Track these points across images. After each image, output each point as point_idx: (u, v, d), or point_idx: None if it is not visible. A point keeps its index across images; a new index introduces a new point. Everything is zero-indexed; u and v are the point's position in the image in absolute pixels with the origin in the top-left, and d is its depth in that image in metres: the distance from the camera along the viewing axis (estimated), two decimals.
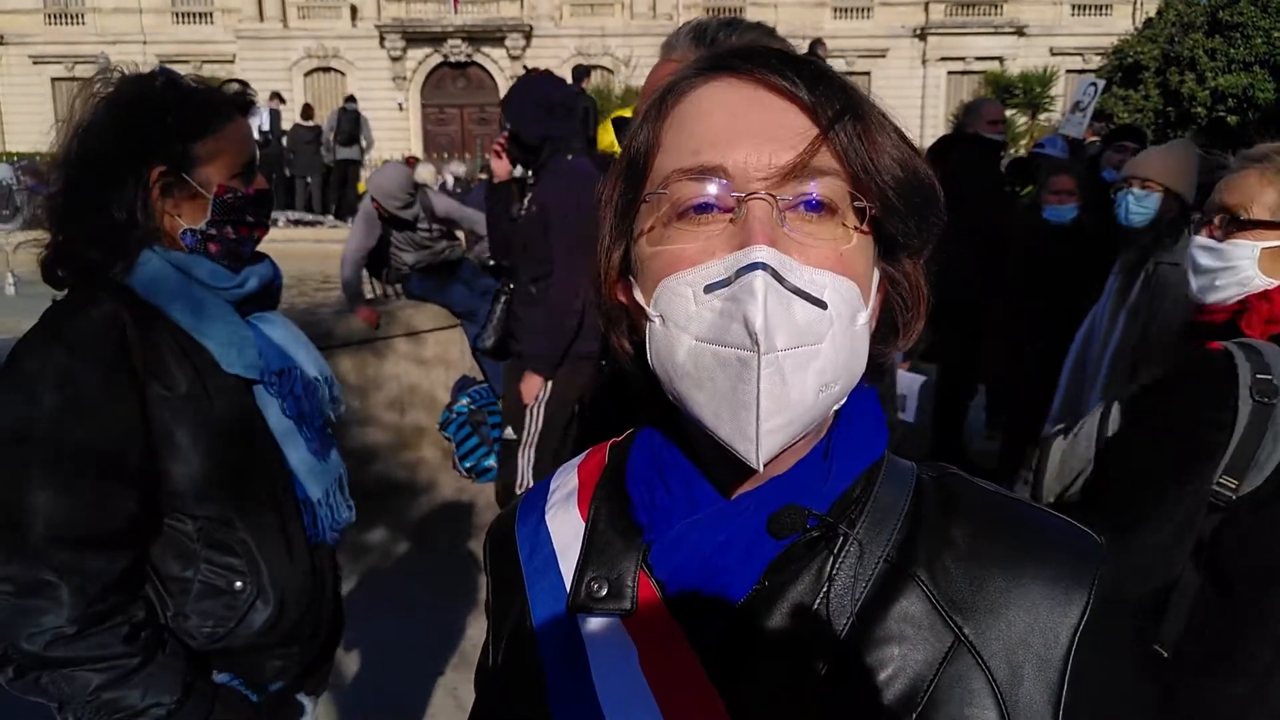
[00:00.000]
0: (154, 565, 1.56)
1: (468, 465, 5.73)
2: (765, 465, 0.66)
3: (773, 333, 0.63)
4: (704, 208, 0.68)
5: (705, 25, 1.41)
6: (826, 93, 0.67)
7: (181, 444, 1.53)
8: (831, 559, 0.70)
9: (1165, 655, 1.66)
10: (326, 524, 1.77)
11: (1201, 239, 1.75)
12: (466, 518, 5.22)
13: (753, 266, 0.63)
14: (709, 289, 0.66)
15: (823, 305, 0.65)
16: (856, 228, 0.68)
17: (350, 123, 15.92)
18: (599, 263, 0.78)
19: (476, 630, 3.93)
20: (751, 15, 34.12)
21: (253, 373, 1.62)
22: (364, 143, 16.30)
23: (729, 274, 0.65)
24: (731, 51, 0.73)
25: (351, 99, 17.03)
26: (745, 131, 0.67)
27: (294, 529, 1.70)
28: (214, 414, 1.57)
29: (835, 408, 0.72)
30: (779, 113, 0.68)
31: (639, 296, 0.73)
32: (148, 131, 1.53)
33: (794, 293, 0.64)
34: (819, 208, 0.67)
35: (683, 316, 0.67)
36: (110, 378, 1.45)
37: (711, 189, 0.67)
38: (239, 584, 1.59)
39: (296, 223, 14.89)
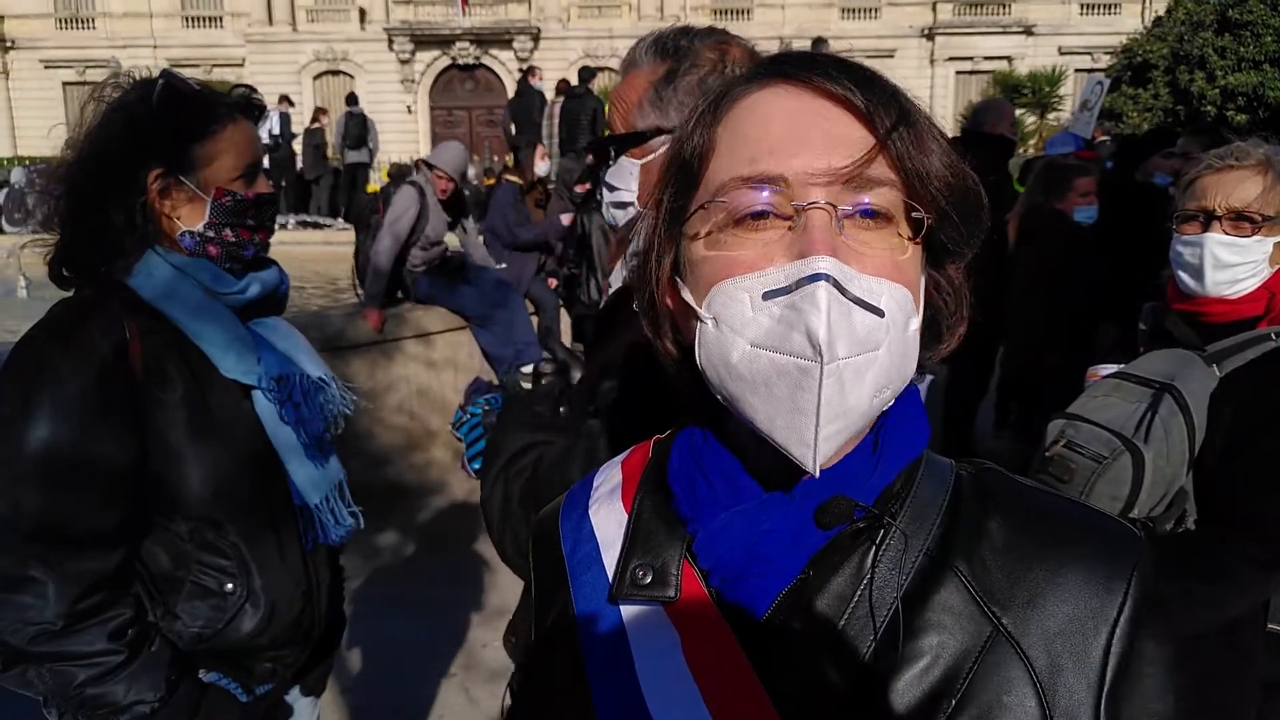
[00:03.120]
0: (146, 564, 1.57)
1: (476, 466, 5.72)
2: (820, 469, 0.67)
3: (835, 342, 0.64)
4: (761, 214, 0.68)
5: (664, 36, 1.40)
6: (880, 99, 0.68)
7: (176, 446, 1.53)
8: (874, 551, 0.71)
9: None
10: (325, 530, 1.76)
11: (1222, 237, 1.80)
12: (476, 519, 5.22)
13: (815, 277, 0.64)
14: (768, 295, 0.66)
15: (880, 313, 0.66)
16: (910, 238, 0.70)
17: (358, 126, 15.93)
18: (648, 266, 0.78)
19: (487, 631, 3.93)
20: (759, 16, 34.25)
21: (250, 378, 1.62)
22: (371, 145, 16.31)
23: (789, 282, 0.65)
24: (787, 58, 0.73)
25: (353, 99, 16.97)
26: (804, 139, 0.68)
27: (287, 534, 1.70)
28: (210, 417, 1.57)
29: (884, 409, 0.73)
30: (836, 121, 0.68)
31: (689, 298, 0.73)
32: (144, 134, 1.54)
33: (854, 302, 0.65)
34: (875, 216, 0.68)
35: (738, 321, 0.68)
36: (105, 378, 1.45)
37: (770, 197, 0.68)
38: (229, 586, 1.59)
39: (304, 224, 14.96)
